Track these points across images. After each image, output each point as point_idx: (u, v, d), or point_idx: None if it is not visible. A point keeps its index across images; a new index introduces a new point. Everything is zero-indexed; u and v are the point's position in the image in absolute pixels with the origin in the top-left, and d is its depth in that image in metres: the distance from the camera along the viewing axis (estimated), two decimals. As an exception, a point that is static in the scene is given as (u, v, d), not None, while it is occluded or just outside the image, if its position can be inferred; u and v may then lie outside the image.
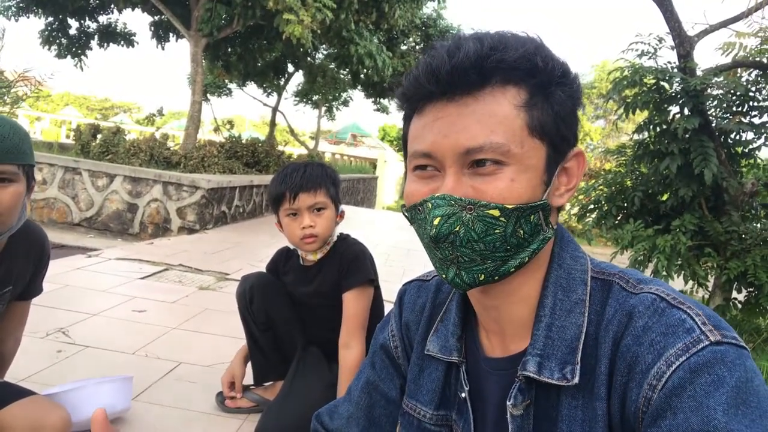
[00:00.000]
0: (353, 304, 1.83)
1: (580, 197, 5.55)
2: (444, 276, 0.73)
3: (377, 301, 1.93)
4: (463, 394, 0.82)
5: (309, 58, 13.09)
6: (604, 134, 28.28)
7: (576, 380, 0.69)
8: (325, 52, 13.12)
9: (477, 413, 0.81)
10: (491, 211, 0.68)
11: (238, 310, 2.02)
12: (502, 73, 0.68)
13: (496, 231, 0.68)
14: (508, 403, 0.73)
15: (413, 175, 0.75)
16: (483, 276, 0.71)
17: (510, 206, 0.68)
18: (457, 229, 0.68)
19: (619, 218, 4.76)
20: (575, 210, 5.47)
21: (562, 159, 0.73)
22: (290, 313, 1.99)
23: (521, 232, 0.70)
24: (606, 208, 4.80)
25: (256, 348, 2.01)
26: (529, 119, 0.69)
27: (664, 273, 3.68)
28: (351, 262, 1.86)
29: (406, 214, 0.76)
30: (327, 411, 1.01)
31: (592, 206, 5.07)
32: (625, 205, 4.65)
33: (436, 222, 0.68)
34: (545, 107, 0.70)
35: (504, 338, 0.79)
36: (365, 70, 10.16)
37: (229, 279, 4.17)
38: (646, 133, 4.57)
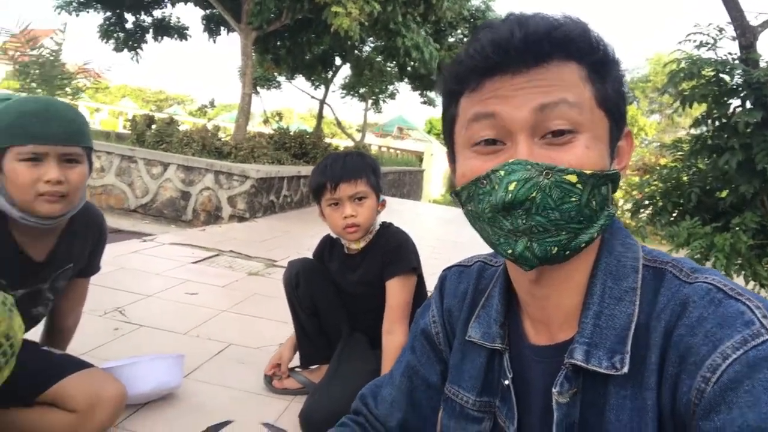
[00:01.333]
0: (396, 292, 1.83)
1: (634, 193, 5.39)
2: (510, 251, 0.69)
3: (420, 289, 1.93)
4: (507, 382, 0.81)
5: (356, 51, 13.15)
6: (659, 129, 27.35)
7: (626, 370, 0.67)
8: (372, 45, 13.14)
9: (521, 401, 0.80)
10: (569, 177, 0.65)
11: (285, 294, 2.06)
12: (565, 49, 0.68)
13: (572, 199, 0.66)
14: (553, 390, 0.72)
15: (471, 152, 0.72)
16: (556, 249, 0.67)
17: (588, 172, 0.66)
18: (534, 195, 0.65)
19: (674, 215, 4.60)
20: (628, 206, 5.32)
21: (620, 135, 0.73)
22: (335, 299, 2.02)
23: (594, 203, 0.67)
24: (661, 204, 4.64)
25: (302, 332, 2.05)
26: (595, 91, 0.69)
27: (723, 273, 3.55)
28: (394, 251, 1.87)
29: (462, 193, 0.73)
30: (371, 392, 1.01)
31: (646, 202, 4.92)
32: (681, 201, 4.49)
33: (511, 187, 0.65)
34: (604, 83, 0.70)
35: (550, 327, 0.77)
36: (412, 63, 10.12)
37: (277, 266, 4.25)
38: (704, 128, 4.40)
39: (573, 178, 0.65)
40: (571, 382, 0.71)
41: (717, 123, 4.15)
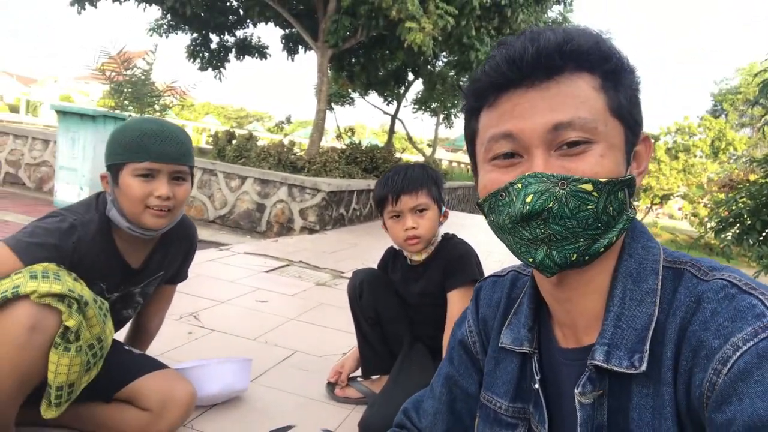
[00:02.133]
0: (457, 303, 1.82)
1: (720, 210, 5.09)
2: (531, 260, 0.72)
3: None
4: (536, 385, 0.82)
5: (429, 66, 13.20)
6: (749, 144, 25.65)
7: (644, 368, 0.68)
8: (445, 60, 13.16)
9: (552, 405, 0.81)
10: (584, 186, 0.68)
11: (348, 303, 2.09)
12: (577, 60, 0.70)
13: (589, 207, 0.68)
14: (576, 390, 0.73)
15: (490, 165, 0.76)
16: (575, 255, 0.70)
17: (603, 179, 0.68)
18: (551, 205, 0.68)
19: (764, 234, 4.30)
20: (713, 223, 5.03)
21: (636, 141, 0.75)
22: (397, 310, 2.03)
23: (611, 208, 0.70)
24: (749, 222, 4.36)
25: (364, 341, 2.07)
26: (609, 100, 0.71)
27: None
28: (456, 262, 1.86)
29: (484, 204, 0.76)
30: (413, 406, 1.03)
31: (732, 220, 4.63)
32: (772, 219, 4.20)
33: (528, 199, 0.68)
34: (617, 91, 0.72)
35: (576, 331, 0.78)
36: (485, 77, 10.05)
37: (344, 277, 4.32)
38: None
39: (588, 187, 0.68)
40: (595, 384, 0.72)
41: (814, 136, 3.86)
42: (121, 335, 1.84)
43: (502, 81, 0.72)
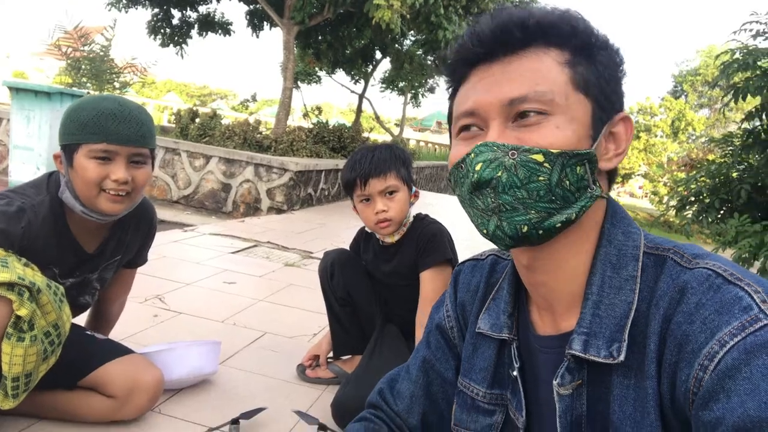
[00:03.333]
0: (430, 283, 1.82)
1: (680, 189, 5.22)
2: (485, 231, 0.72)
3: None
4: (514, 373, 0.81)
5: (397, 45, 13.10)
6: (708, 124, 26.41)
7: (621, 357, 0.66)
8: (413, 38, 13.07)
9: (530, 392, 0.80)
10: (535, 156, 0.67)
11: (320, 284, 2.07)
12: (544, 34, 0.70)
13: (540, 178, 0.67)
14: (554, 382, 0.72)
15: (457, 139, 0.76)
16: (526, 228, 0.69)
17: (555, 151, 0.67)
18: (500, 174, 0.68)
19: (722, 212, 4.44)
20: (673, 202, 5.16)
21: (607, 119, 0.73)
22: (369, 290, 2.02)
23: (567, 182, 0.68)
24: (708, 200, 4.49)
25: (336, 321, 2.06)
26: (573, 74, 0.70)
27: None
28: (428, 242, 1.85)
29: (451, 179, 0.77)
30: (388, 386, 1.00)
31: (692, 199, 4.76)
32: (730, 198, 4.33)
33: (478, 167, 0.69)
34: (589, 66, 0.71)
35: (554, 315, 0.77)
36: (453, 56, 10.05)
37: (313, 257, 4.29)
38: (757, 121, 4.22)
39: (539, 158, 0.67)
40: (574, 374, 0.71)
41: (771, 116, 3.97)
42: (81, 320, 1.78)
43: (470, 56, 0.74)
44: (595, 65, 0.72)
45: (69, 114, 1.43)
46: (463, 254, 1.99)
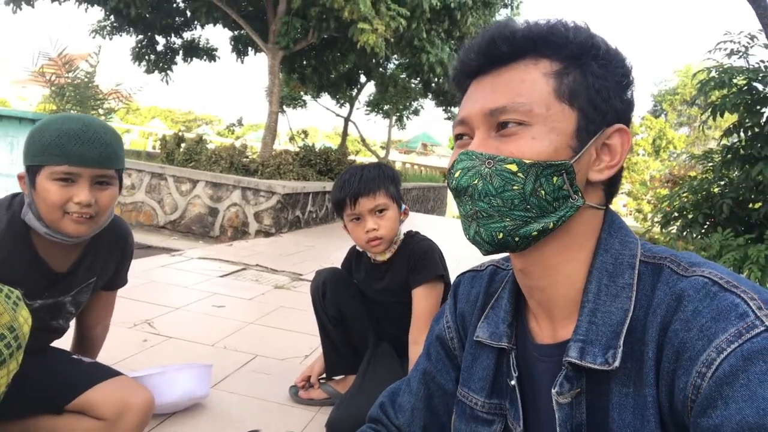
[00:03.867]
0: (422, 300, 1.82)
1: (663, 205, 5.30)
2: (467, 235, 0.75)
3: (447, 297, 1.92)
4: (513, 382, 0.81)
5: (381, 69, 13.24)
6: (688, 142, 26.89)
7: (617, 364, 0.66)
8: (396, 62, 13.24)
9: (528, 401, 0.80)
10: (509, 166, 0.70)
11: (312, 303, 2.07)
12: (534, 46, 0.72)
13: (515, 187, 0.70)
14: (553, 390, 0.72)
15: (456, 147, 0.80)
16: (501, 235, 0.71)
17: (527, 161, 0.69)
18: (476, 182, 0.71)
19: (705, 227, 4.50)
20: (658, 218, 5.23)
21: (596, 130, 0.73)
22: (361, 309, 2.01)
23: (542, 192, 0.70)
24: (691, 216, 4.55)
25: (328, 341, 2.05)
26: (558, 85, 0.71)
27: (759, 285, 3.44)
28: (419, 259, 1.86)
29: (449, 185, 0.80)
30: (389, 400, 1.00)
31: (675, 214, 4.82)
32: (713, 213, 4.40)
33: (457, 175, 0.73)
34: (578, 77, 0.72)
35: (553, 324, 0.78)
36: (436, 79, 10.17)
37: (303, 279, 4.27)
38: (735, 137, 4.31)
39: (513, 167, 0.69)
40: (572, 383, 0.71)
41: (749, 132, 4.06)
42: (61, 345, 1.73)
43: (467, 69, 0.78)
44: (587, 75, 0.72)
45: (32, 135, 1.39)
46: (452, 274, 2.00)
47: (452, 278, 1.90)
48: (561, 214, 0.71)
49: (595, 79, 0.72)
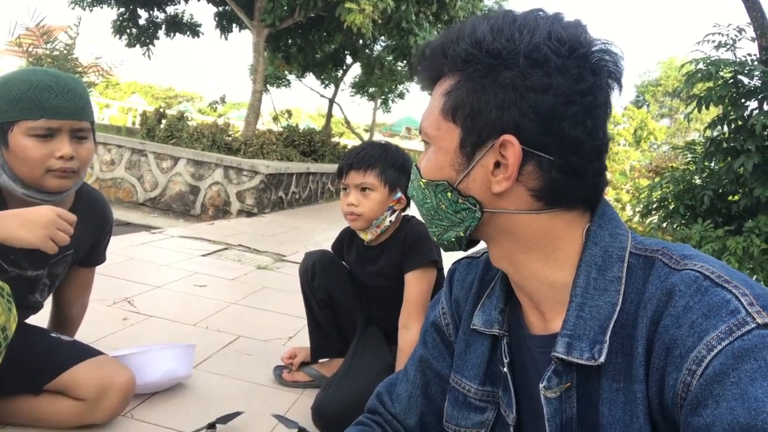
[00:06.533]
0: (414, 285, 1.81)
1: (642, 196, 5.35)
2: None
3: (439, 283, 1.91)
4: (504, 369, 0.81)
5: (367, 50, 13.13)
6: (669, 133, 27.22)
7: (602, 359, 0.66)
8: (383, 44, 13.12)
9: (521, 390, 0.80)
10: (420, 182, 0.77)
11: (300, 285, 2.04)
12: (449, 64, 0.73)
13: (428, 201, 0.77)
14: (541, 385, 0.71)
15: None
16: (436, 238, 0.80)
17: (424, 180, 0.77)
18: (414, 193, 0.80)
19: (686, 217, 4.55)
20: (639, 208, 5.28)
21: (480, 142, 0.70)
22: (351, 293, 2.00)
23: (443, 206, 0.75)
24: (672, 206, 4.60)
25: (315, 324, 2.03)
26: (446, 102, 0.72)
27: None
28: (413, 243, 1.84)
29: None
30: (386, 390, 0.99)
31: (656, 204, 4.87)
32: (694, 204, 4.45)
33: (410, 185, 0.82)
34: (468, 91, 0.69)
35: (543, 315, 0.77)
36: (424, 62, 10.12)
37: (286, 260, 4.23)
38: (719, 129, 4.35)
39: (422, 184, 0.77)
40: (561, 377, 0.70)
41: (733, 125, 4.10)
42: (35, 322, 1.68)
43: (426, 86, 0.81)
44: (477, 88, 0.68)
45: None
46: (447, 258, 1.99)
47: (446, 264, 1.90)
48: (467, 224, 0.75)
49: (492, 91, 0.67)
